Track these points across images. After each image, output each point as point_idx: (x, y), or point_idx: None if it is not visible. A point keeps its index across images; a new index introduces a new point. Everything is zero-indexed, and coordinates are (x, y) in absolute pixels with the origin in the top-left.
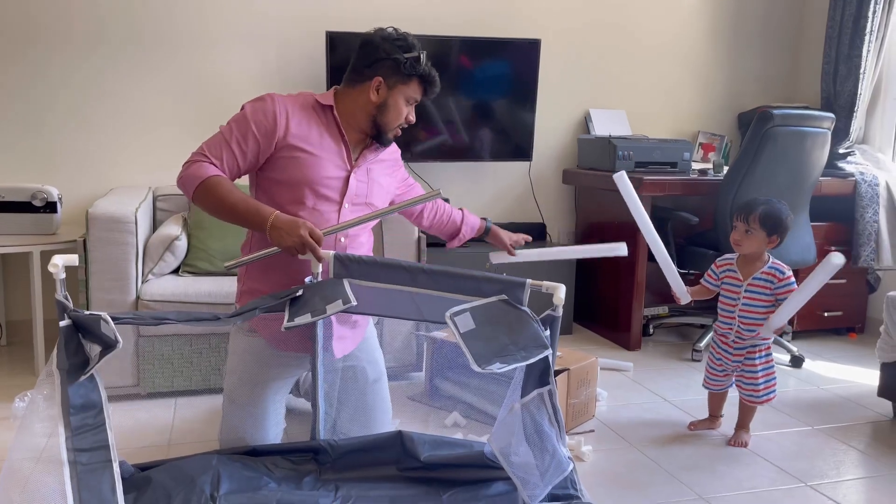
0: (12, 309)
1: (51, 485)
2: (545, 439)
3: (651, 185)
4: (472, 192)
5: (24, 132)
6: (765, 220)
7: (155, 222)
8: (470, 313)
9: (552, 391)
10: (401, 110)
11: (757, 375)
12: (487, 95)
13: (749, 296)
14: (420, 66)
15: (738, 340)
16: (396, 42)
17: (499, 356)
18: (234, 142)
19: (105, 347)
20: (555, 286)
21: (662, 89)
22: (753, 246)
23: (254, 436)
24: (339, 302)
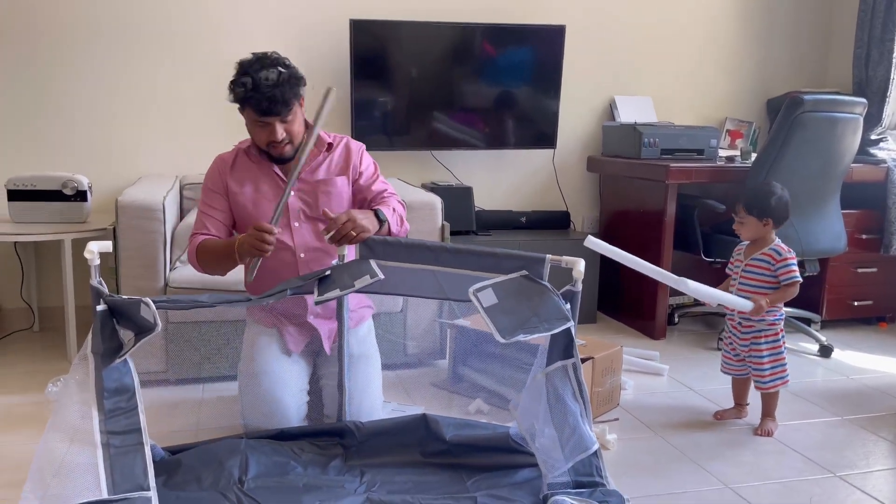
0: (45, 296)
1: (84, 466)
2: (567, 413)
3: (677, 172)
4: (496, 180)
5: (54, 122)
6: (750, 206)
7: (182, 211)
8: (492, 289)
9: (576, 364)
10: (255, 133)
11: (763, 361)
12: (511, 83)
13: (746, 276)
14: (236, 94)
15: (745, 323)
16: (233, 76)
17: (522, 328)
18: (208, 209)
19: (142, 331)
20: (574, 260)
21: (689, 75)
22: (750, 232)
23: (270, 421)
24: (366, 277)
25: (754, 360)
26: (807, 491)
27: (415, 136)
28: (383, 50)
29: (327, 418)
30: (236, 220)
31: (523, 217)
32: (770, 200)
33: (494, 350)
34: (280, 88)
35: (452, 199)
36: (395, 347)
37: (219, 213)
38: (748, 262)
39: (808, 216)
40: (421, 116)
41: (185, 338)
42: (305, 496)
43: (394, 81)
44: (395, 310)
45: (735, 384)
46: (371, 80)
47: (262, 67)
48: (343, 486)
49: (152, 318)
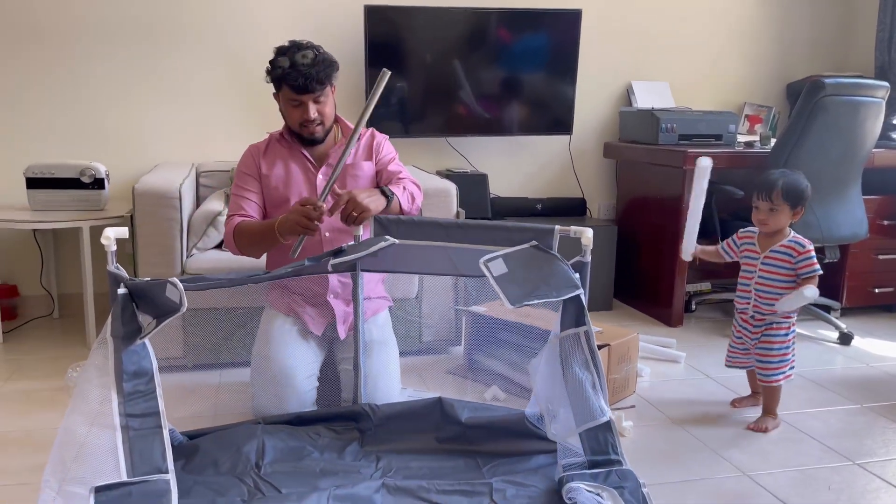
0: (64, 283)
1: (104, 449)
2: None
3: (695, 157)
4: (511, 166)
5: (72, 111)
6: (788, 194)
7: (198, 198)
8: (503, 259)
9: (588, 333)
10: (290, 113)
11: (771, 353)
12: (526, 68)
13: (766, 269)
14: (274, 71)
15: (758, 316)
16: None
17: (532, 295)
18: (242, 191)
19: (165, 313)
20: (582, 230)
21: (707, 60)
22: (780, 222)
23: (278, 404)
24: (381, 242)
25: (762, 352)
26: (825, 479)
27: (430, 123)
28: (398, 36)
29: (345, 402)
30: (267, 203)
31: (539, 204)
32: (804, 189)
33: (510, 338)
34: (315, 68)
35: (468, 186)
36: (411, 334)
37: (253, 195)
38: (767, 253)
39: (829, 202)
40: (436, 103)
41: (202, 324)
42: (322, 481)
43: (408, 68)
44: (410, 296)
45: (751, 374)
46: (386, 67)
47: (299, 50)
48: (359, 472)
49: (178, 298)
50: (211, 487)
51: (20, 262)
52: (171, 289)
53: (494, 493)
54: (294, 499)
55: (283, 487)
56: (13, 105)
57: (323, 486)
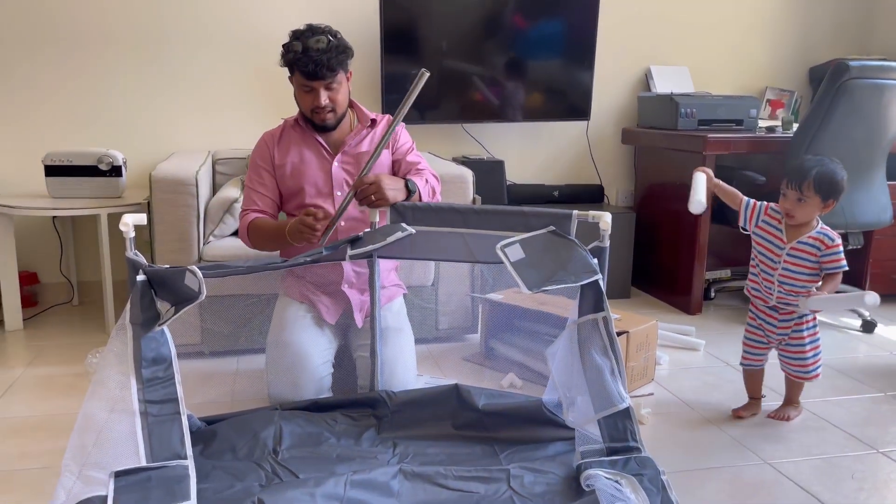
0: (82, 270)
1: (124, 434)
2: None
3: (715, 143)
4: (528, 153)
5: (89, 99)
6: (820, 185)
7: (214, 185)
8: (520, 244)
9: (607, 318)
10: (302, 98)
11: (805, 349)
12: (543, 54)
13: (791, 260)
14: (286, 56)
15: (785, 308)
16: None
17: (549, 280)
18: (256, 184)
19: (183, 300)
20: (600, 214)
21: (727, 43)
22: (808, 214)
23: (293, 391)
24: (398, 233)
25: (794, 349)
26: (848, 467)
27: (445, 110)
28: (413, 23)
29: (361, 389)
30: (282, 190)
31: (556, 191)
32: (839, 181)
33: (527, 325)
34: (328, 55)
35: (484, 173)
36: (427, 322)
37: (266, 189)
38: (794, 245)
39: (853, 188)
40: (452, 89)
41: (219, 311)
42: (339, 466)
43: (424, 54)
44: (427, 284)
45: (749, 377)
46: (401, 54)
47: (313, 35)
48: (376, 458)
49: (197, 286)
50: (229, 472)
51: (40, 250)
52: (190, 276)
53: (512, 479)
54: (311, 484)
55: (301, 472)
56: (32, 94)
57: (340, 472)
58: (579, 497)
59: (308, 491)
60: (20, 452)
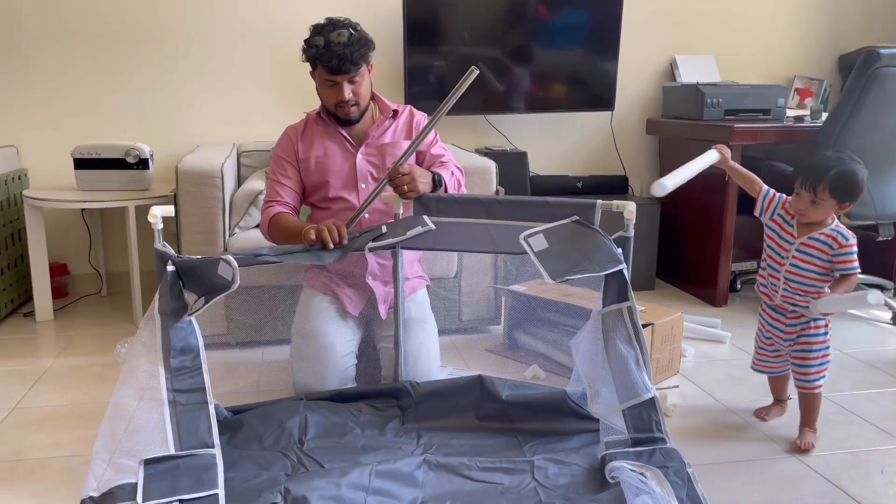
0: (111, 261)
1: (152, 422)
2: (620, 357)
3: (742, 133)
4: (551, 144)
5: (116, 93)
6: (836, 188)
7: (239, 178)
8: (543, 234)
9: (632, 308)
10: (325, 93)
11: (811, 356)
12: (567, 45)
13: (800, 257)
14: (308, 52)
15: (791, 308)
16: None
17: (573, 270)
18: (280, 176)
19: (214, 290)
20: (624, 204)
21: (754, 32)
22: (821, 215)
23: (318, 381)
24: (418, 227)
25: (800, 355)
26: (877, 461)
27: (468, 101)
28: (436, 14)
29: (385, 380)
30: (306, 184)
31: (579, 182)
32: (858, 181)
33: (551, 316)
34: (350, 48)
35: (507, 164)
36: (450, 313)
37: (290, 181)
38: (804, 240)
39: (884, 178)
40: (474, 81)
41: (246, 301)
42: (364, 456)
43: (447, 46)
44: (450, 275)
45: (773, 381)
46: (424, 46)
47: (334, 29)
48: (400, 448)
49: (231, 275)
50: (255, 461)
51: (70, 242)
52: (224, 266)
53: (536, 471)
54: (337, 474)
55: (326, 462)
56: (62, 89)
57: (365, 462)
58: (604, 489)
59: (333, 481)
60: (51, 441)
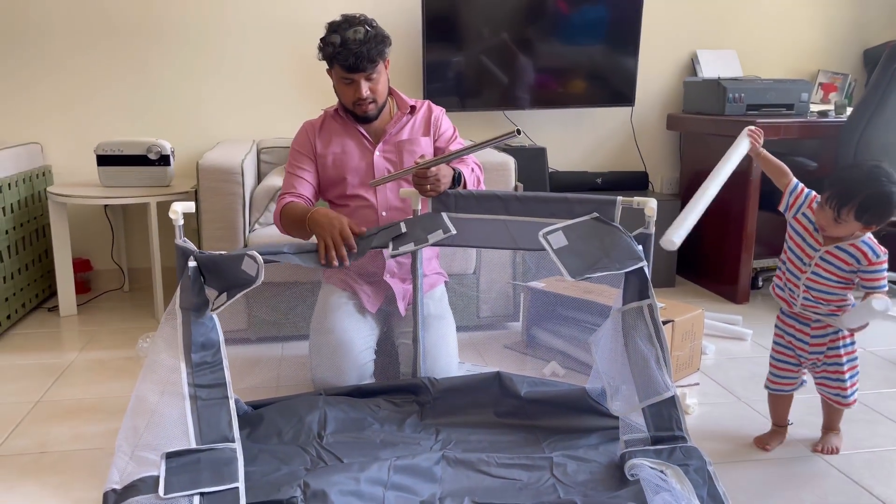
0: (133, 257)
1: (174, 417)
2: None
3: (764, 128)
4: (570, 140)
5: (138, 90)
6: (863, 211)
7: (259, 174)
8: (563, 231)
9: (652, 306)
10: (342, 91)
11: (843, 369)
12: (586, 39)
13: (822, 265)
14: (325, 50)
15: (816, 324)
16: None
17: (592, 268)
18: (297, 170)
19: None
20: (645, 200)
21: (778, 25)
22: (843, 233)
23: (336, 377)
24: (439, 231)
25: (832, 369)
26: None
27: (487, 97)
28: (455, 9)
29: (403, 376)
30: (323, 180)
31: (599, 178)
32: (891, 206)
33: (570, 313)
34: (366, 46)
35: (525, 160)
36: (468, 309)
37: (306, 174)
38: (830, 249)
39: None
40: (493, 76)
41: (266, 298)
42: (382, 451)
43: (466, 42)
44: (468, 272)
45: (778, 402)
46: (443, 42)
47: (350, 26)
48: (419, 444)
49: (255, 271)
50: (275, 456)
51: (93, 238)
52: (248, 261)
53: (555, 467)
54: (356, 469)
55: (345, 457)
56: (85, 86)
57: (384, 457)
58: (623, 486)
59: (352, 475)
60: (75, 434)
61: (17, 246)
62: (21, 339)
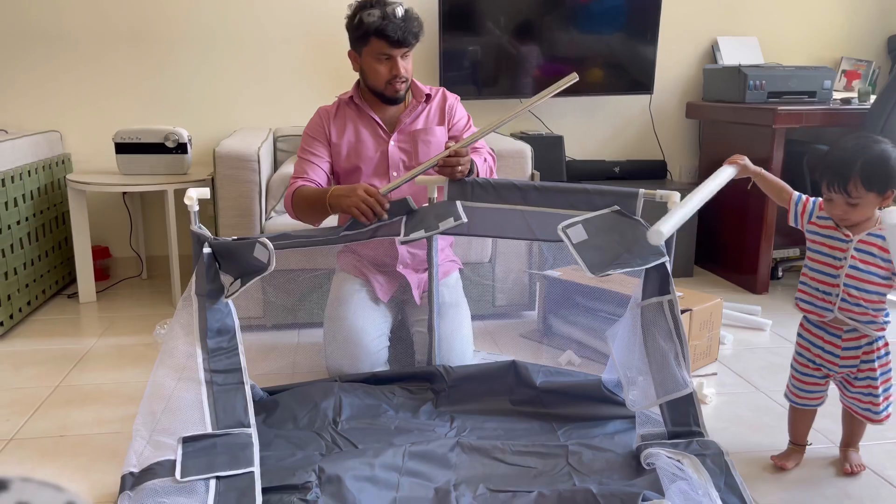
0: (151, 244)
1: (190, 402)
2: (659, 351)
3: (785, 116)
4: (588, 128)
5: (156, 79)
6: (871, 179)
7: (276, 162)
8: (582, 225)
9: (673, 301)
10: (376, 70)
11: (877, 383)
12: (604, 27)
13: (860, 257)
14: (365, 24)
15: (850, 329)
16: (350, 13)
17: (613, 263)
18: (309, 154)
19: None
20: (669, 194)
21: (800, 12)
22: (865, 213)
23: (351, 364)
24: (450, 219)
25: (864, 383)
26: None
27: (503, 85)
28: None
29: (418, 363)
30: (336, 168)
31: (617, 167)
32: (892, 162)
33: (586, 302)
34: (408, 23)
35: (542, 149)
36: (484, 298)
37: (319, 160)
38: (863, 238)
39: None
40: (510, 65)
41: (281, 284)
42: (397, 438)
43: (482, 30)
44: (484, 260)
45: (800, 417)
46: (459, 30)
47: (386, 4)
48: (434, 430)
49: (267, 257)
50: (291, 441)
51: (111, 225)
52: (259, 248)
53: (570, 455)
54: (371, 454)
55: (360, 443)
56: (104, 76)
57: (398, 443)
58: (639, 475)
59: (367, 461)
60: (94, 418)
61: (37, 233)
62: (41, 324)
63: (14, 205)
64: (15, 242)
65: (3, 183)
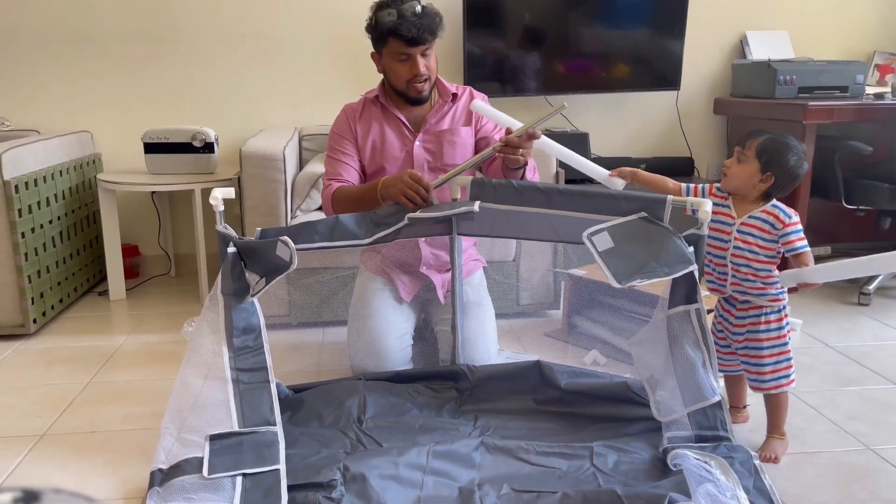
0: (179, 243)
1: (217, 400)
2: (686, 361)
3: (816, 111)
4: (614, 125)
5: (184, 79)
6: (763, 150)
7: (301, 161)
8: (608, 232)
9: (700, 311)
10: (396, 70)
11: (762, 353)
12: (630, 22)
13: (742, 238)
14: (381, 25)
15: (741, 297)
16: (371, 14)
17: (640, 273)
18: (339, 154)
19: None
20: (700, 201)
21: (831, 5)
22: (741, 177)
23: (375, 363)
24: (462, 207)
25: (751, 353)
26: None
27: (528, 82)
28: None
29: (443, 362)
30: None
31: (643, 164)
32: (788, 159)
33: (612, 301)
34: (425, 19)
35: (567, 146)
36: (508, 297)
37: (350, 159)
38: (744, 220)
39: None
40: (534, 61)
41: (307, 284)
42: (421, 436)
43: (507, 26)
44: (508, 259)
45: (728, 383)
46: (484, 27)
47: (403, 2)
48: (458, 430)
49: (289, 256)
50: (316, 439)
51: (140, 224)
52: (281, 247)
53: (595, 457)
54: (395, 453)
55: (384, 441)
56: (133, 77)
57: (422, 442)
58: (665, 477)
59: (391, 459)
60: (123, 414)
61: (68, 232)
62: (73, 322)
63: (46, 204)
64: (47, 241)
65: (36, 183)
